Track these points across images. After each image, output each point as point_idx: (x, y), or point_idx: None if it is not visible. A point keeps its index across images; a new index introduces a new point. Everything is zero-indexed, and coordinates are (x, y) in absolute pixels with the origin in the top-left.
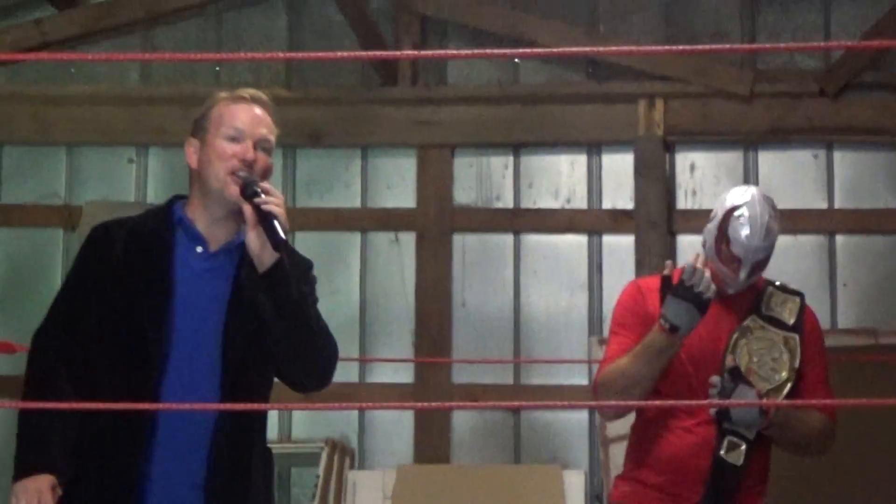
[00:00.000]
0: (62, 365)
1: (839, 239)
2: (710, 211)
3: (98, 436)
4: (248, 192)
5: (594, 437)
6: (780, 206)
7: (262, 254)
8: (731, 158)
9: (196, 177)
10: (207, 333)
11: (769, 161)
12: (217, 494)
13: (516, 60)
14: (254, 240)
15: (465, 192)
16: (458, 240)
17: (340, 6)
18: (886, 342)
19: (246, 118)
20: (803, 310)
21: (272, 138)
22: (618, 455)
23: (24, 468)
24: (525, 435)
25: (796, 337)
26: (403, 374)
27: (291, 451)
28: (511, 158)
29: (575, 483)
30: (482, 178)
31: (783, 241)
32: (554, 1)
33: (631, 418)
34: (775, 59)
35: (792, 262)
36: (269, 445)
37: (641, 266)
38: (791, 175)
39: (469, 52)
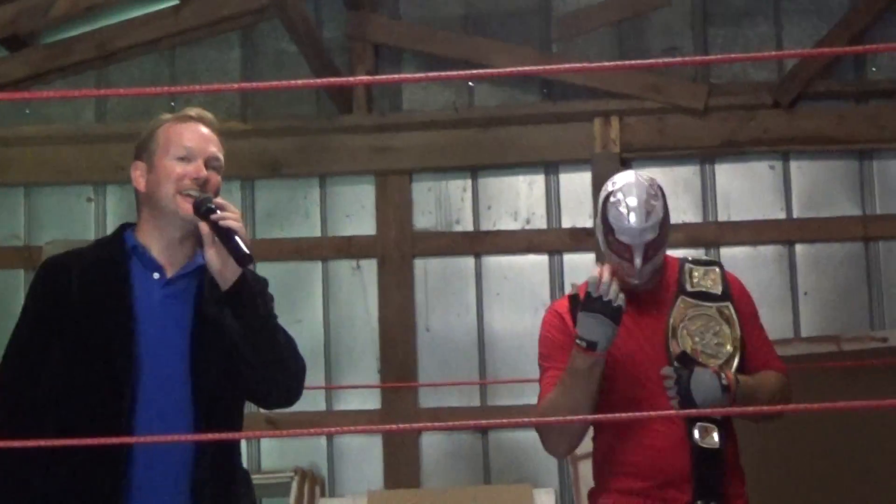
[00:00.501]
0: (27, 407)
1: (798, 248)
2: (674, 227)
3: (72, 477)
4: (203, 209)
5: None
6: (739, 217)
7: (224, 271)
8: (689, 172)
9: (146, 201)
10: (175, 362)
11: (726, 173)
12: None
13: (470, 84)
14: (214, 258)
15: (424, 217)
16: (420, 264)
17: (294, 37)
18: (849, 349)
19: (195, 137)
20: (725, 277)
21: (221, 157)
22: (587, 472)
23: None
24: (494, 456)
25: (729, 305)
26: (370, 401)
27: (261, 481)
28: (469, 181)
29: (545, 501)
30: (441, 202)
31: (744, 251)
32: (506, 24)
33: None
34: (728, 73)
35: (752, 272)
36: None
37: None
38: (748, 187)
39: (423, 75)
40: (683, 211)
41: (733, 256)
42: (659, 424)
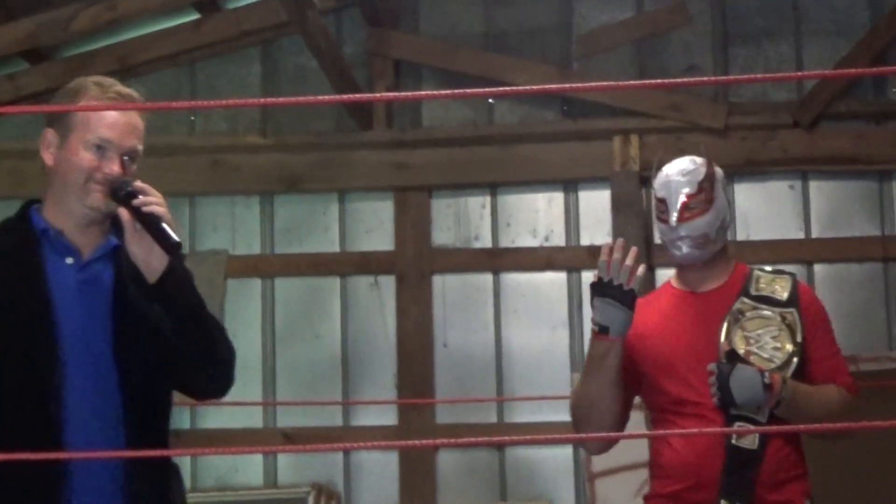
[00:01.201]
0: None
1: (817, 268)
2: None
3: (8, 484)
4: (121, 194)
5: (580, 473)
6: (758, 236)
7: (150, 260)
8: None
9: (53, 176)
10: (98, 351)
11: (745, 192)
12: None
13: (490, 101)
14: (137, 247)
15: (443, 233)
16: (438, 281)
17: (314, 53)
18: (867, 368)
19: (116, 126)
20: (796, 286)
21: (141, 147)
22: (604, 489)
23: None
24: (510, 473)
25: (794, 311)
26: (387, 417)
27: (278, 496)
28: (488, 198)
29: None
30: (460, 218)
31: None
32: (526, 41)
33: (619, 451)
34: (748, 93)
35: None
36: (252, 491)
37: None
38: (767, 206)
39: (443, 92)
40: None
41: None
42: (697, 424)
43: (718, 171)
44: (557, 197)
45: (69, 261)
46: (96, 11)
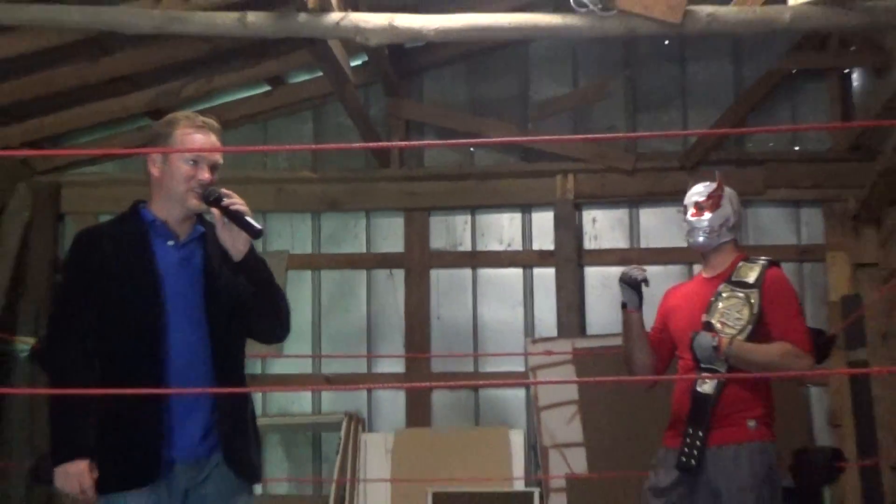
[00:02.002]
0: (81, 350)
1: (697, 268)
2: (608, 251)
3: (122, 406)
4: (212, 198)
5: (531, 407)
6: (655, 245)
7: (236, 245)
8: (621, 214)
9: (158, 184)
10: (192, 308)
11: (647, 216)
12: (225, 430)
13: (472, 149)
14: (226, 236)
15: (438, 241)
16: (434, 274)
17: (350, 114)
18: None
19: (204, 146)
20: (764, 272)
21: (221, 161)
22: (546, 417)
23: (62, 454)
24: (483, 406)
25: (756, 291)
26: (398, 367)
27: (321, 420)
28: (469, 217)
29: (516, 439)
30: (450, 231)
31: (658, 269)
32: (497, 107)
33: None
34: (649, 145)
35: (664, 284)
36: (303, 416)
37: (560, 290)
38: (662, 225)
39: (439, 142)
40: (617, 240)
41: (651, 273)
42: (683, 374)
43: (730, 191)
44: (517, 216)
45: (170, 243)
46: (199, 84)
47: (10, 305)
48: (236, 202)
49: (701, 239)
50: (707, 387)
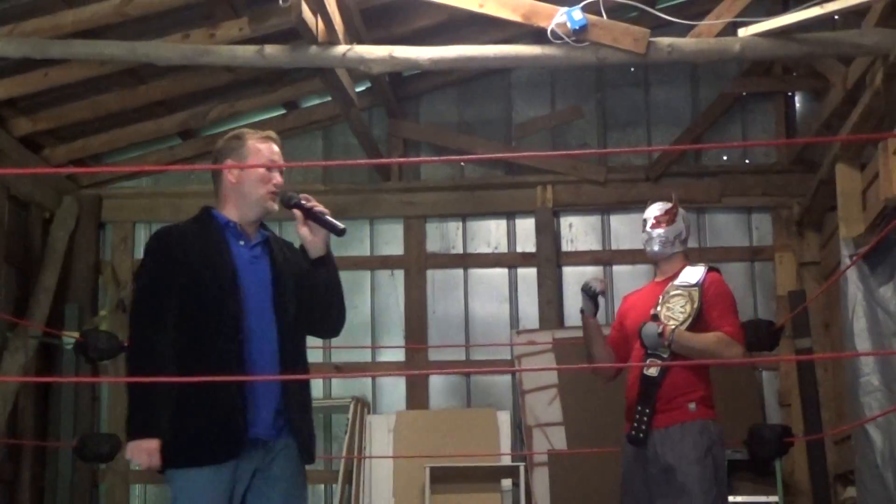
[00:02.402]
0: (164, 335)
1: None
2: (583, 253)
3: (206, 386)
4: (292, 202)
5: (516, 390)
6: (624, 247)
7: (316, 241)
8: (594, 220)
9: (234, 190)
10: (263, 302)
11: (617, 221)
12: (292, 414)
13: (462, 164)
14: (307, 234)
15: (433, 244)
16: (430, 273)
17: (355, 133)
18: None
19: (275, 154)
20: (705, 276)
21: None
22: (530, 400)
23: (136, 430)
24: (473, 390)
25: (697, 290)
26: (398, 356)
27: (331, 404)
28: (461, 223)
29: (503, 420)
30: (444, 235)
31: (628, 268)
32: (484, 127)
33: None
34: (619, 160)
35: (633, 282)
36: (315, 400)
37: (541, 287)
38: (630, 229)
39: (433, 158)
40: (591, 243)
41: (620, 271)
42: (637, 362)
43: (682, 211)
44: (502, 223)
45: (241, 243)
46: (222, 108)
47: (57, 304)
48: (317, 204)
49: (657, 248)
50: (653, 371)
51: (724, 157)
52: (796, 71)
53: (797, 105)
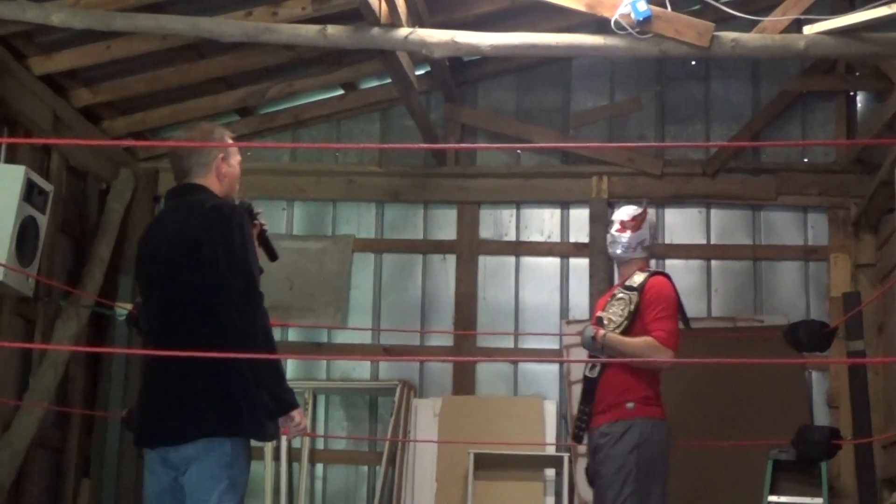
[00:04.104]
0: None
1: (713, 263)
2: None
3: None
4: (252, 210)
5: (562, 380)
6: (678, 241)
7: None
8: (650, 213)
9: (222, 180)
10: None
11: (671, 215)
12: None
13: (518, 152)
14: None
15: (486, 231)
16: (482, 259)
17: (413, 116)
18: (742, 325)
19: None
20: (646, 281)
21: None
22: (577, 391)
23: (294, 400)
24: (520, 378)
25: (636, 294)
26: (447, 341)
27: (378, 386)
28: (514, 210)
29: (549, 408)
30: (496, 222)
31: (680, 263)
32: (541, 115)
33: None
34: (676, 154)
35: (685, 276)
36: (362, 382)
37: (593, 278)
38: (685, 223)
39: (490, 145)
40: (644, 237)
41: (673, 265)
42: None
43: (651, 218)
44: (556, 212)
45: None
46: (281, 87)
47: (112, 275)
48: (265, 224)
49: (619, 252)
50: (594, 371)
51: (783, 155)
52: (859, 70)
53: (859, 105)
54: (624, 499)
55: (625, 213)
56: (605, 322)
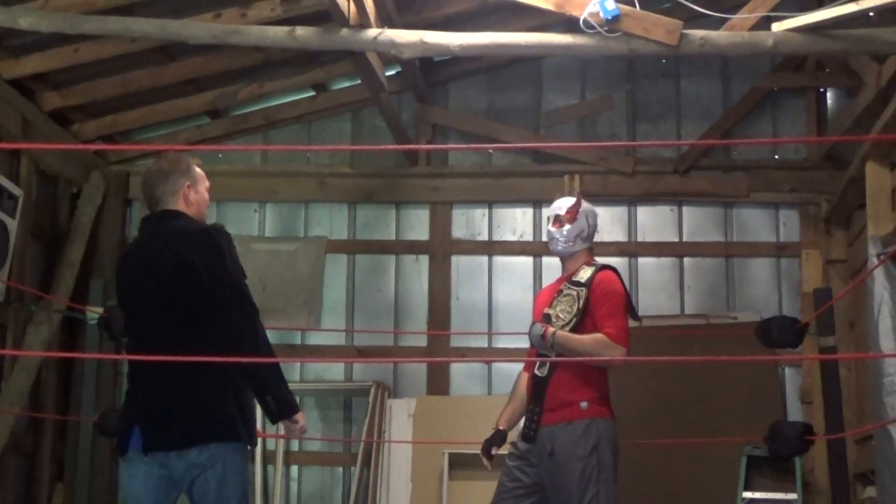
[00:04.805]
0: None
1: (686, 260)
2: (609, 244)
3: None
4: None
5: None
6: (650, 239)
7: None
8: (620, 211)
9: (193, 204)
10: None
11: (643, 213)
12: None
13: (490, 151)
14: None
15: (459, 231)
16: (455, 260)
17: (384, 117)
18: (715, 322)
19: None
20: (594, 276)
21: None
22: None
23: (295, 404)
24: (494, 377)
25: (584, 290)
26: (421, 341)
27: (352, 387)
28: (487, 210)
29: None
30: (469, 222)
31: (652, 261)
32: (512, 115)
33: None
34: (647, 152)
35: (657, 274)
36: (336, 383)
37: None
38: (657, 221)
39: (461, 146)
40: (616, 234)
41: (646, 263)
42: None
43: (587, 207)
44: (529, 211)
45: None
46: (252, 88)
47: (83, 279)
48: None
49: (559, 248)
50: (543, 370)
51: (754, 152)
52: (829, 67)
53: (829, 102)
54: (589, 500)
55: (558, 207)
56: (553, 319)
